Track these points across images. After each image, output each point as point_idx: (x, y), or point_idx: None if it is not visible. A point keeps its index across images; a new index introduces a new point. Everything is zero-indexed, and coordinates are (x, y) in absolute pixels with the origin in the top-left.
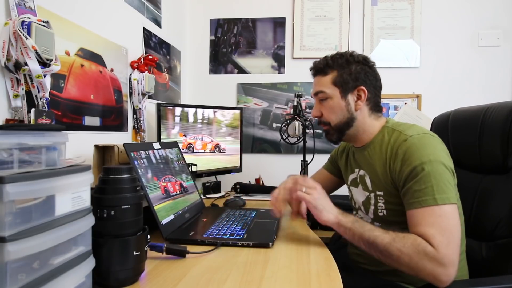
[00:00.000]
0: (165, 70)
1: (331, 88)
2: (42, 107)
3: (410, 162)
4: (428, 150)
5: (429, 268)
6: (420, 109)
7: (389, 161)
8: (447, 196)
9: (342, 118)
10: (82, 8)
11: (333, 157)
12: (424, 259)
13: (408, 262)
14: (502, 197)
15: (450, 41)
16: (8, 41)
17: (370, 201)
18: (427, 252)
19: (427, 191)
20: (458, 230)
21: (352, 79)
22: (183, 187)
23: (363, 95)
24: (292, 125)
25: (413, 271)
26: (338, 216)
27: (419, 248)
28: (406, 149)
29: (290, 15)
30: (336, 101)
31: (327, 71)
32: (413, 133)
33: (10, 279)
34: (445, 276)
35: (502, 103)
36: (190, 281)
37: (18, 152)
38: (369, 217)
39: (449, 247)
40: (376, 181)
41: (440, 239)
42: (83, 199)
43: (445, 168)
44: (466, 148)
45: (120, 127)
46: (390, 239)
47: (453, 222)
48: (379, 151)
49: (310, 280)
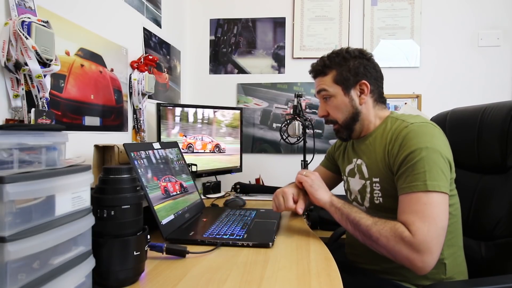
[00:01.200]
0: (165, 70)
1: (333, 87)
2: (42, 107)
3: (408, 147)
4: (426, 137)
5: (405, 252)
6: (420, 109)
7: (388, 146)
8: (437, 184)
9: (348, 114)
10: (82, 8)
11: (329, 153)
12: (400, 243)
13: (385, 244)
14: (501, 196)
15: (450, 41)
16: (8, 41)
17: (366, 189)
18: (403, 237)
19: (419, 177)
20: (442, 220)
21: (352, 74)
22: (183, 187)
23: (365, 88)
24: (292, 125)
25: (390, 254)
26: (332, 196)
27: (396, 232)
28: (405, 134)
29: (290, 15)
30: (340, 99)
31: (326, 72)
32: (415, 121)
33: (10, 279)
34: (420, 262)
35: (500, 103)
36: (190, 281)
37: (18, 152)
38: (364, 207)
39: (428, 235)
40: (373, 167)
41: (419, 225)
42: (83, 199)
43: (441, 157)
44: (464, 148)
45: (120, 127)
46: (373, 222)
47: (438, 210)
48: (380, 138)
49: (310, 280)
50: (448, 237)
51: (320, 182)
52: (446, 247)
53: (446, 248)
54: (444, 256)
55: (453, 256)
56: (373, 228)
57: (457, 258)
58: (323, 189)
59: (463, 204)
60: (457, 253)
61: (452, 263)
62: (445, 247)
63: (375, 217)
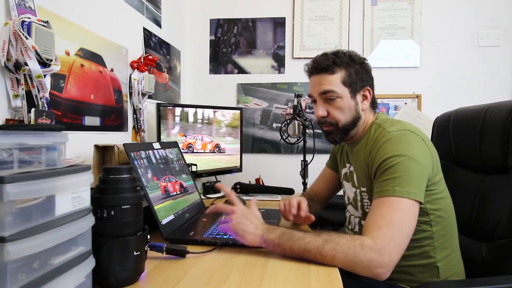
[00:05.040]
0: (165, 70)
1: (341, 87)
2: (42, 107)
3: (382, 155)
4: (401, 145)
5: (365, 259)
6: (420, 109)
7: (368, 158)
8: (407, 191)
9: (350, 118)
10: (82, 8)
11: (333, 152)
12: (360, 253)
13: (343, 259)
14: (502, 197)
15: (450, 41)
16: (8, 41)
17: (357, 197)
18: (364, 245)
19: (389, 182)
20: (408, 228)
21: (360, 79)
22: (183, 187)
23: (368, 95)
24: (292, 125)
25: (349, 267)
26: (264, 235)
27: (355, 243)
28: (382, 143)
29: (290, 15)
30: (346, 101)
31: (335, 70)
32: (393, 129)
33: (10, 279)
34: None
35: (502, 102)
36: (190, 281)
37: (18, 152)
38: (359, 213)
39: (391, 240)
40: (360, 176)
41: (384, 230)
42: (83, 199)
43: (415, 164)
44: (467, 148)
45: (120, 127)
46: (323, 241)
47: (406, 218)
48: (364, 148)
49: (310, 280)
50: (441, 240)
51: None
52: (439, 250)
53: (439, 251)
54: (436, 259)
55: (447, 258)
56: (326, 247)
57: (451, 260)
58: (250, 229)
59: (465, 204)
60: (452, 255)
61: (446, 266)
62: (438, 250)
63: (322, 234)
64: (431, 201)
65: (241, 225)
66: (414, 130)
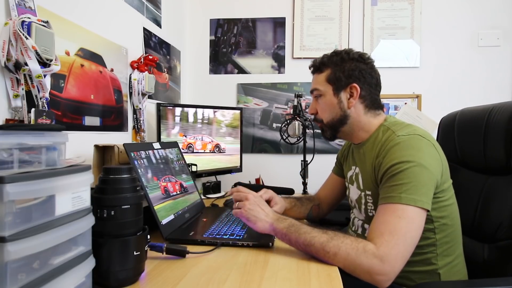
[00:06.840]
0: (165, 70)
1: (325, 85)
2: (42, 107)
3: (390, 160)
4: (410, 151)
5: (366, 264)
6: (420, 109)
7: (375, 160)
8: (414, 198)
9: (334, 116)
10: (82, 8)
11: (338, 158)
12: (362, 256)
13: (345, 258)
14: (504, 198)
15: (450, 41)
16: (8, 41)
17: (361, 200)
18: (366, 249)
19: (396, 188)
20: (413, 236)
21: (345, 76)
22: (183, 187)
23: (355, 92)
24: (292, 125)
25: (349, 268)
26: (273, 223)
27: (359, 245)
28: (391, 148)
29: (290, 15)
30: (328, 98)
31: (322, 69)
32: (402, 133)
33: (10, 279)
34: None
35: (506, 103)
36: (190, 281)
37: (18, 152)
38: (362, 215)
39: (394, 248)
40: (366, 179)
41: (388, 238)
42: (83, 199)
43: (424, 171)
44: (472, 149)
45: (120, 127)
46: (328, 237)
47: (410, 226)
48: (371, 149)
49: (310, 280)
50: (444, 248)
51: (257, 207)
52: (441, 257)
53: (441, 258)
54: (438, 266)
55: (449, 265)
56: (330, 244)
57: (454, 267)
58: (261, 216)
59: (469, 205)
60: (454, 261)
61: (448, 273)
62: (440, 257)
63: (329, 232)
64: (437, 208)
65: (253, 212)
66: (424, 135)
